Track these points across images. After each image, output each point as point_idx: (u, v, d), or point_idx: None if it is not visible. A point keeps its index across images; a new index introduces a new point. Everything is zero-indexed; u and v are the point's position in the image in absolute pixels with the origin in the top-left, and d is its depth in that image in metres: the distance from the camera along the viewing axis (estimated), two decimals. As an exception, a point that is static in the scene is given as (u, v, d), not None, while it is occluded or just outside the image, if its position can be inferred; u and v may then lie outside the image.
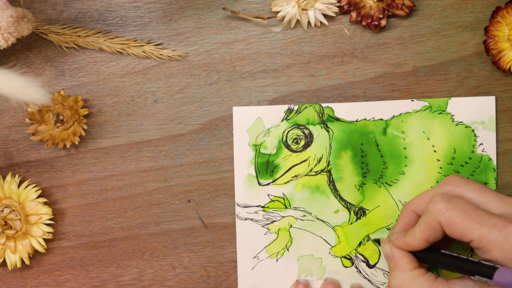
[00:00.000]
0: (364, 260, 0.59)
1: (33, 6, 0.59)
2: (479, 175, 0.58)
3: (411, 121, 0.59)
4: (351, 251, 0.59)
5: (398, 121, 0.59)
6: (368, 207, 0.59)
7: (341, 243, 0.59)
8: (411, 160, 0.59)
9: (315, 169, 0.59)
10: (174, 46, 0.59)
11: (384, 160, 0.59)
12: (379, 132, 0.59)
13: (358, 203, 0.59)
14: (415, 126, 0.59)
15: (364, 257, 0.59)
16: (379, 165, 0.59)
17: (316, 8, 0.57)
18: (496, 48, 0.57)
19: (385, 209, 0.59)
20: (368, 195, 0.59)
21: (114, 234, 0.61)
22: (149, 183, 0.60)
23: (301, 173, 0.59)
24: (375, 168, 0.59)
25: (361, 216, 0.59)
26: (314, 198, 0.59)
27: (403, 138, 0.59)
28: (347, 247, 0.59)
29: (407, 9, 0.57)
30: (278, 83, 0.59)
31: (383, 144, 0.59)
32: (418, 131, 0.58)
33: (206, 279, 0.61)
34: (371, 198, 0.59)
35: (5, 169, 0.61)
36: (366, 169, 0.59)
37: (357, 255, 0.59)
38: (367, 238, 0.59)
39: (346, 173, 0.59)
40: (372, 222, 0.59)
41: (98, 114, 0.60)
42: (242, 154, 0.59)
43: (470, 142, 0.58)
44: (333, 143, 0.59)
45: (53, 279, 0.61)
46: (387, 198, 0.59)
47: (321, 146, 0.59)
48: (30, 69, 0.60)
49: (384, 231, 0.59)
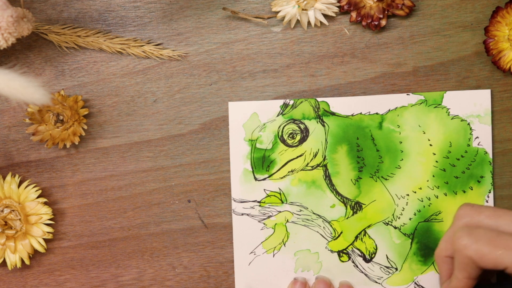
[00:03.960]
0: (361, 255, 0.59)
1: (33, 6, 0.59)
2: (475, 168, 0.59)
3: (406, 115, 0.59)
4: (347, 246, 0.60)
5: (393, 115, 0.59)
6: (364, 201, 0.59)
7: (338, 238, 0.59)
8: (407, 154, 0.59)
9: (311, 163, 0.59)
10: (174, 46, 0.59)
11: (380, 154, 0.59)
12: (375, 126, 0.59)
13: (354, 197, 0.59)
14: (411, 120, 0.58)
15: (361, 252, 0.59)
16: (375, 159, 0.59)
17: (316, 8, 0.57)
18: (496, 48, 0.57)
19: (381, 203, 0.59)
20: (364, 189, 0.59)
21: (114, 234, 0.61)
22: (149, 183, 0.60)
23: (297, 168, 0.59)
24: (371, 162, 0.59)
25: (357, 210, 0.59)
26: (311, 192, 0.59)
27: (399, 132, 0.59)
28: (343, 242, 0.59)
29: (407, 9, 0.57)
30: (278, 83, 0.59)
31: (379, 138, 0.59)
32: (413, 125, 0.58)
33: (206, 279, 0.61)
34: (368, 192, 0.59)
35: (5, 169, 0.61)
36: (362, 163, 0.59)
37: (354, 250, 0.59)
38: (364, 233, 0.59)
39: (342, 168, 0.59)
40: (368, 216, 0.59)
41: (98, 114, 0.60)
42: (238, 150, 0.59)
43: (466, 135, 0.58)
44: (329, 138, 0.59)
45: (53, 279, 0.61)
46: (384, 192, 0.59)
47: (317, 140, 0.59)
48: (30, 69, 0.60)
49: (381, 225, 0.59)
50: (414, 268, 0.59)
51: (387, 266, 0.59)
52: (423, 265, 0.59)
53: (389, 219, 0.59)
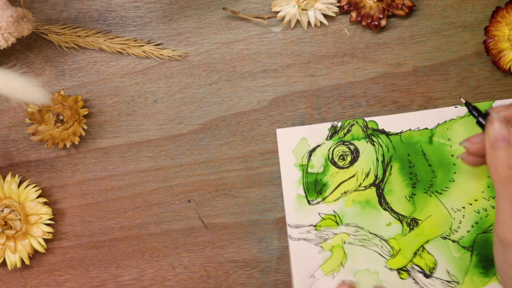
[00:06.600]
0: (421, 271, 0.59)
1: (33, 6, 0.59)
2: None
3: (456, 128, 0.58)
4: (407, 263, 0.59)
5: (443, 128, 0.58)
6: (420, 217, 0.59)
7: (396, 256, 0.59)
8: (460, 167, 0.58)
9: (364, 183, 0.59)
10: (174, 46, 0.59)
11: (432, 169, 0.58)
12: (425, 141, 0.58)
13: (410, 214, 0.59)
14: (461, 132, 0.58)
15: (421, 268, 0.59)
16: (428, 174, 0.58)
17: (316, 8, 0.57)
18: (496, 48, 0.57)
19: (437, 218, 0.58)
20: (419, 205, 0.58)
21: (114, 234, 0.61)
22: (149, 183, 0.60)
23: (350, 189, 0.59)
24: (424, 178, 0.58)
25: (414, 227, 0.59)
26: (365, 212, 0.59)
27: (450, 145, 0.58)
28: (402, 259, 0.59)
29: (407, 9, 0.57)
30: (278, 83, 0.59)
31: (430, 153, 0.58)
32: (464, 137, 0.58)
33: (206, 279, 0.61)
34: (423, 208, 0.58)
35: (5, 169, 0.61)
36: (415, 179, 0.58)
37: (413, 266, 0.59)
38: (422, 249, 0.59)
39: (395, 185, 0.59)
40: (425, 232, 0.58)
41: (98, 114, 0.60)
42: (289, 175, 0.59)
43: None
44: (379, 156, 0.59)
45: (53, 279, 0.61)
46: (439, 206, 0.58)
47: (368, 160, 0.59)
48: (30, 69, 0.60)
49: (439, 239, 0.58)
50: (476, 281, 0.59)
51: (449, 280, 0.59)
52: (484, 277, 0.58)
53: (447, 233, 0.58)
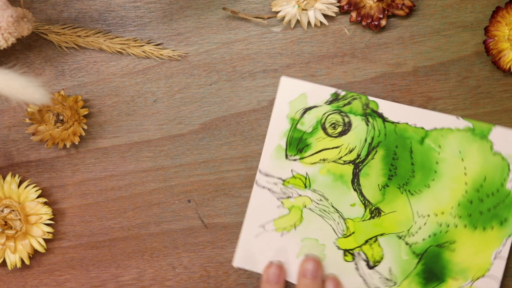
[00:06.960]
0: (366, 260, 0.59)
1: (33, 6, 0.59)
2: (501, 209, 0.57)
3: (450, 138, 0.58)
4: (355, 247, 0.59)
5: (438, 134, 0.58)
6: (384, 209, 0.59)
7: (348, 237, 0.59)
8: (440, 176, 0.58)
9: (344, 158, 0.58)
10: (174, 46, 0.59)
11: (414, 168, 0.58)
12: (417, 140, 0.58)
13: (376, 202, 0.59)
14: (453, 144, 0.58)
15: (367, 257, 0.59)
16: (407, 172, 0.58)
17: (316, 8, 0.57)
18: (496, 48, 0.57)
19: (400, 216, 0.58)
20: (388, 197, 0.58)
21: (114, 234, 0.61)
22: (149, 183, 0.60)
23: (329, 158, 0.59)
24: (402, 174, 0.58)
25: (375, 216, 0.59)
26: (335, 186, 0.59)
27: (438, 152, 0.58)
28: (353, 242, 0.59)
29: (407, 9, 0.57)
30: (278, 83, 0.59)
31: (417, 153, 0.58)
32: (454, 149, 0.57)
33: (206, 279, 0.61)
34: (390, 201, 0.58)
35: (5, 169, 0.61)
36: (394, 172, 0.58)
37: (360, 253, 0.59)
38: (375, 239, 0.59)
39: (373, 171, 0.58)
40: (384, 225, 0.59)
41: (98, 114, 0.60)
42: (278, 124, 0.58)
43: (503, 175, 0.57)
44: (369, 138, 0.59)
45: (53, 279, 0.61)
46: (406, 206, 0.58)
47: (357, 137, 0.58)
48: (30, 69, 0.60)
49: (393, 237, 0.58)
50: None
51: (388, 278, 0.59)
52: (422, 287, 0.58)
53: (404, 233, 0.58)
